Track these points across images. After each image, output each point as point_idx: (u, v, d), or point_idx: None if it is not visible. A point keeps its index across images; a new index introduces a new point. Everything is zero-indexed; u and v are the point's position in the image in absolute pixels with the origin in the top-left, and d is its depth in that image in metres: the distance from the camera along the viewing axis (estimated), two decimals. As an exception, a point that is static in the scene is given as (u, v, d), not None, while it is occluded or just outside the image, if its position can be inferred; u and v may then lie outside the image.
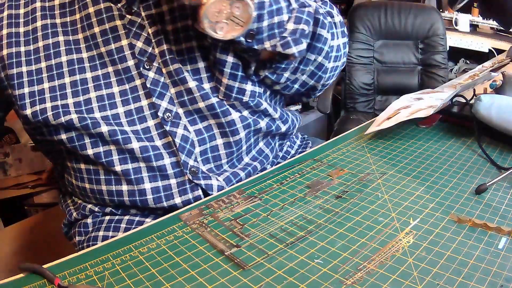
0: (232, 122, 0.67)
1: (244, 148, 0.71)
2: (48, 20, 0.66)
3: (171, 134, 0.65)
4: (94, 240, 0.68)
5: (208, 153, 0.68)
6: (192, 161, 0.66)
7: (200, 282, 0.45)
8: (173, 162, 0.65)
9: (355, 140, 0.78)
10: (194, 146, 0.66)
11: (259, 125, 0.70)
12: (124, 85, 0.65)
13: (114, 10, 0.65)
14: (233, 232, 0.53)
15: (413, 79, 2.03)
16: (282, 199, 0.60)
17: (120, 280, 0.45)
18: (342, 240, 0.50)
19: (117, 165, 0.64)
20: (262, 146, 0.75)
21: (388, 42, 2.04)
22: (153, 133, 0.65)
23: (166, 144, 0.65)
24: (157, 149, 0.65)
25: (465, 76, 1.22)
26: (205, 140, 0.67)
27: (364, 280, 0.44)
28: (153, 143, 0.65)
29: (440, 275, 0.44)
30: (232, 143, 0.69)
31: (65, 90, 0.64)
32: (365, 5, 2.08)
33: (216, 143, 0.68)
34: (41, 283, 0.45)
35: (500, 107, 0.71)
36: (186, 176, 0.66)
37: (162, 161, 0.65)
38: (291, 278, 0.45)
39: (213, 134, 0.68)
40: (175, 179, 0.66)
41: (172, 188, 0.66)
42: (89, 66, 0.65)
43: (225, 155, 0.69)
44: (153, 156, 0.64)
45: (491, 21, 2.39)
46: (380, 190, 0.60)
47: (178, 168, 0.66)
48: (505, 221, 0.53)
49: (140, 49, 0.64)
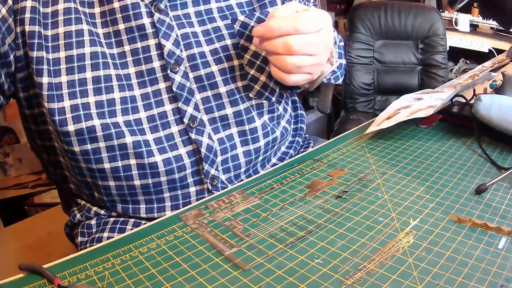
0: (255, 130, 0.68)
1: (260, 159, 0.72)
2: (71, 3, 0.59)
3: (196, 142, 0.63)
4: (98, 241, 0.66)
5: (229, 162, 0.67)
6: (214, 170, 0.65)
7: (200, 282, 0.45)
8: (194, 171, 0.64)
9: (355, 140, 0.78)
10: (216, 156, 0.65)
11: (275, 134, 0.71)
12: (147, 87, 0.61)
13: (141, 6, 0.60)
14: (233, 232, 0.53)
15: (413, 79, 2.03)
16: (282, 199, 0.60)
17: (120, 280, 0.45)
18: (342, 240, 0.50)
19: (136, 180, 0.62)
20: (275, 161, 0.76)
21: (388, 42, 2.04)
22: (177, 140, 0.62)
23: (190, 152, 0.63)
24: (180, 160, 0.63)
25: (465, 76, 1.22)
26: (227, 149, 0.67)
27: (364, 280, 0.44)
28: (177, 152, 0.62)
29: (440, 275, 0.44)
30: (252, 151, 0.69)
31: (86, 86, 0.58)
32: (365, 5, 2.08)
33: (236, 152, 0.68)
34: (41, 283, 0.45)
35: (500, 107, 0.71)
36: (206, 185, 0.65)
37: (184, 172, 0.63)
38: (291, 278, 0.45)
39: (234, 144, 0.67)
40: (194, 188, 0.65)
41: (190, 196, 0.66)
42: (112, 63, 0.60)
43: (244, 164, 0.69)
44: (176, 168, 0.62)
45: (491, 21, 2.39)
46: (380, 190, 0.60)
47: (198, 177, 0.65)
48: (505, 221, 0.53)
49: (169, 50, 0.61)
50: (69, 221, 0.73)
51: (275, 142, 0.73)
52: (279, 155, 0.77)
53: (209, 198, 0.62)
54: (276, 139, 0.72)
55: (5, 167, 1.86)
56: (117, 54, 0.61)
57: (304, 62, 0.58)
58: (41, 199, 1.84)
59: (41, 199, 1.84)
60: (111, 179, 0.62)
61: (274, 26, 0.56)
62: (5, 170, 1.87)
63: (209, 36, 0.64)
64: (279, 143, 0.75)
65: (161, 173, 0.62)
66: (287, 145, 0.80)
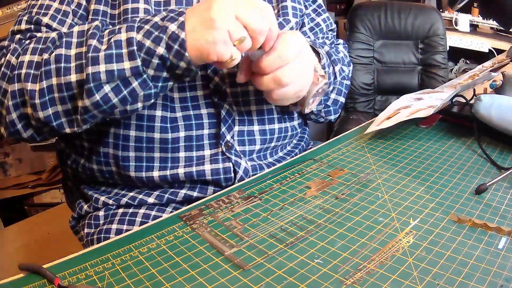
0: (271, 111, 0.73)
1: (272, 145, 0.75)
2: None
3: (218, 106, 0.67)
4: (106, 232, 0.66)
5: (244, 136, 0.71)
6: (229, 137, 0.69)
7: (200, 282, 0.45)
8: (211, 134, 0.68)
9: (355, 140, 0.78)
10: (234, 124, 0.70)
11: (287, 124, 0.76)
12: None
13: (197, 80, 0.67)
14: (233, 232, 0.53)
15: (413, 79, 2.03)
16: (282, 199, 0.60)
17: (120, 280, 0.45)
18: (342, 240, 0.50)
19: (156, 132, 0.65)
20: (282, 155, 0.78)
21: (388, 42, 2.04)
22: (200, 102, 0.67)
23: (211, 114, 0.67)
24: (200, 118, 0.67)
25: (465, 76, 1.22)
26: (245, 122, 0.71)
27: (364, 280, 0.44)
28: (198, 111, 0.67)
29: (440, 275, 0.44)
30: (267, 131, 0.73)
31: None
32: (365, 5, 2.08)
33: (253, 128, 0.72)
34: (41, 283, 0.45)
35: (500, 107, 0.71)
36: (221, 148, 0.68)
37: (202, 130, 0.67)
38: (291, 278, 0.45)
39: (252, 120, 0.71)
40: (210, 151, 0.68)
41: (204, 161, 0.68)
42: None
43: (259, 141, 0.72)
44: (194, 125, 0.66)
45: (491, 21, 2.39)
46: (380, 190, 0.60)
47: (214, 140, 0.68)
48: (505, 221, 0.53)
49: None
50: (76, 213, 0.73)
51: (287, 133, 0.76)
52: (285, 151, 0.80)
53: (209, 198, 0.62)
54: (287, 130, 0.76)
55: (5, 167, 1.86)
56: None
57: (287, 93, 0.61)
58: (41, 199, 1.84)
59: (41, 199, 1.84)
60: (133, 127, 0.65)
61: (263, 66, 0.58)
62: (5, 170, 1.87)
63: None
64: (289, 138, 0.78)
65: (180, 127, 0.66)
66: (293, 146, 0.82)
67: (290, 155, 0.79)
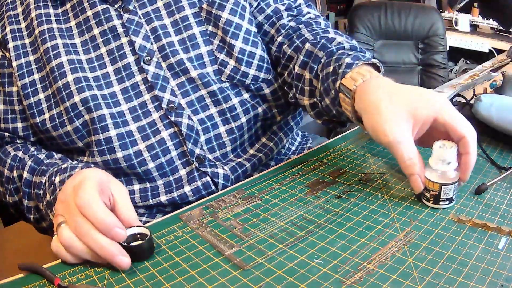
0: (233, 108, 0.70)
1: (246, 137, 0.74)
2: (45, 26, 0.67)
3: (176, 124, 0.66)
4: None
5: (213, 142, 0.70)
6: (199, 150, 0.68)
7: (200, 282, 0.45)
8: (179, 153, 0.67)
9: (355, 140, 0.78)
10: (199, 135, 0.68)
11: (256, 110, 0.73)
12: (125, 83, 0.67)
13: (111, 11, 0.67)
14: (233, 232, 0.53)
15: (413, 79, 2.03)
16: (282, 199, 0.60)
17: (120, 280, 0.45)
18: (342, 240, 0.50)
19: (126, 170, 0.66)
20: (265, 141, 0.77)
21: (388, 42, 2.05)
22: (158, 125, 0.67)
23: (173, 134, 0.67)
24: (163, 143, 0.66)
25: (465, 76, 1.22)
26: (209, 129, 0.69)
27: (364, 280, 0.44)
28: (159, 136, 0.66)
29: (440, 275, 0.44)
30: (235, 129, 0.71)
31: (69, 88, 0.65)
32: (365, 5, 2.08)
33: (219, 131, 0.70)
34: (41, 283, 0.45)
35: (500, 107, 0.71)
36: (193, 164, 0.68)
37: (169, 154, 0.67)
38: (291, 278, 0.45)
39: (216, 123, 0.70)
40: (184, 170, 0.68)
41: (182, 180, 0.68)
42: (88, 67, 0.67)
43: (229, 142, 0.71)
44: (160, 152, 0.66)
45: (491, 21, 2.39)
46: (380, 190, 0.60)
47: (184, 158, 0.68)
48: (505, 221, 0.53)
49: (140, 45, 0.67)
50: None
51: (258, 119, 0.74)
52: (270, 134, 0.77)
53: (209, 198, 0.62)
54: (258, 115, 0.73)
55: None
56: (94, 58, 0.67)
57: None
58: (41, 199, 1.84)
59: (41, 199, 1.84)
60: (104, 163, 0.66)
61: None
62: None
63: (177, 27, 0.69)
64: (265, 121, 0.76)
65: (147, 160, 0.66)
66: (280, 127, 0.79)
67: (272, 140, 0.76)
